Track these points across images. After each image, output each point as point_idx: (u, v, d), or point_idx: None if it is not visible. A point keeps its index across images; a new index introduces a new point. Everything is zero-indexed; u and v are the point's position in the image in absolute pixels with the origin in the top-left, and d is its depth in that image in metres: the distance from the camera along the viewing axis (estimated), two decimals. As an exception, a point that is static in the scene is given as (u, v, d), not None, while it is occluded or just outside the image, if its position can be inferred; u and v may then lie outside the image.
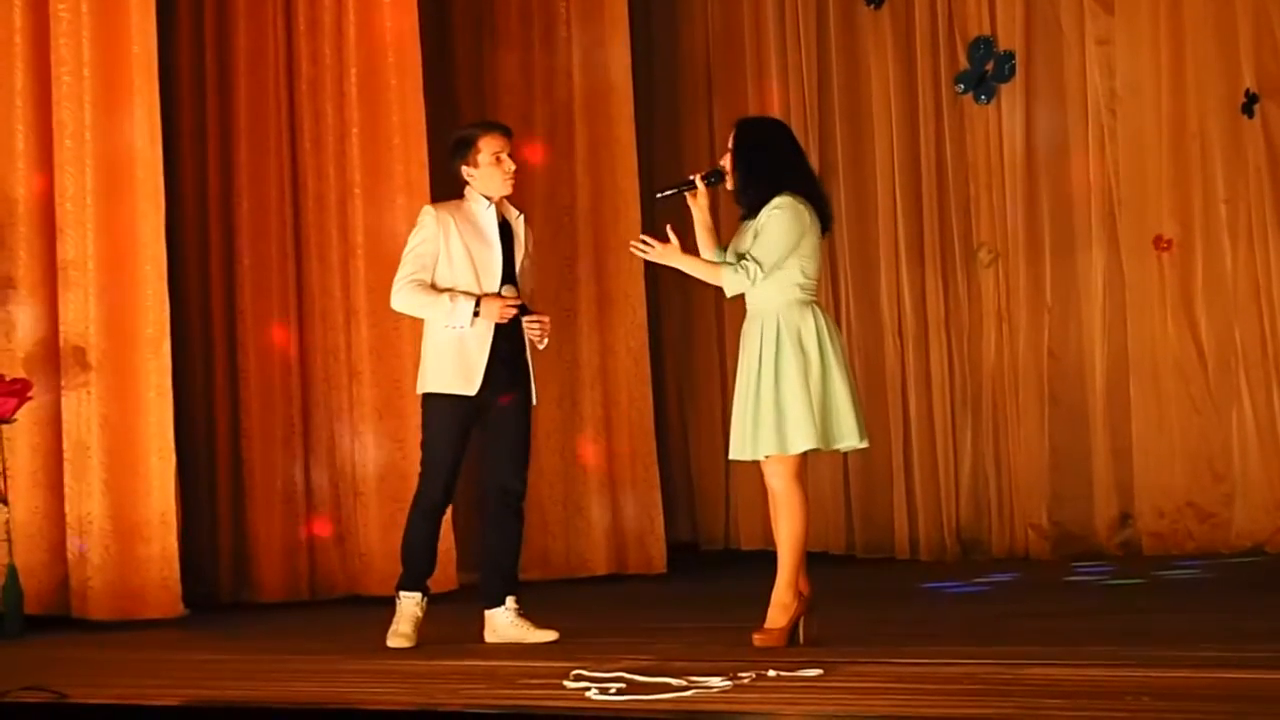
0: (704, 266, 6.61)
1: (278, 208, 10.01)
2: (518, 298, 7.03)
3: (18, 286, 8.93)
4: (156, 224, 9.02)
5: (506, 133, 7.18)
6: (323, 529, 9.92)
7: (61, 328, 8.92)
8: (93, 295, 8.90)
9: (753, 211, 6.56)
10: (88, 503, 8.82)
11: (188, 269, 9.87)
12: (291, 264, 10.01)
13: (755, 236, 6.49)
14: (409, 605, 7.02)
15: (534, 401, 7.19)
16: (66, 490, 8.86)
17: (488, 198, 7.08)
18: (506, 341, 7.02)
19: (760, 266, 6.42)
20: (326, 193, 10.01)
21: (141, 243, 9.00)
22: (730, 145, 6.66)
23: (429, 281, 7.01)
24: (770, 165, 6.56)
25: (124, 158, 8.99)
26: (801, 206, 6.49)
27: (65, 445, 8.88)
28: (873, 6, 11.27)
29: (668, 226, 6.69)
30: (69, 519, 8.82)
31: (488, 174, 7.07)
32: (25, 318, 8.93)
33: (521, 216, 7.23)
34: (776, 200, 6.47)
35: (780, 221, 6.45)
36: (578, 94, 10.93)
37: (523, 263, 7.15)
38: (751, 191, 6.56)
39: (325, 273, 9.95)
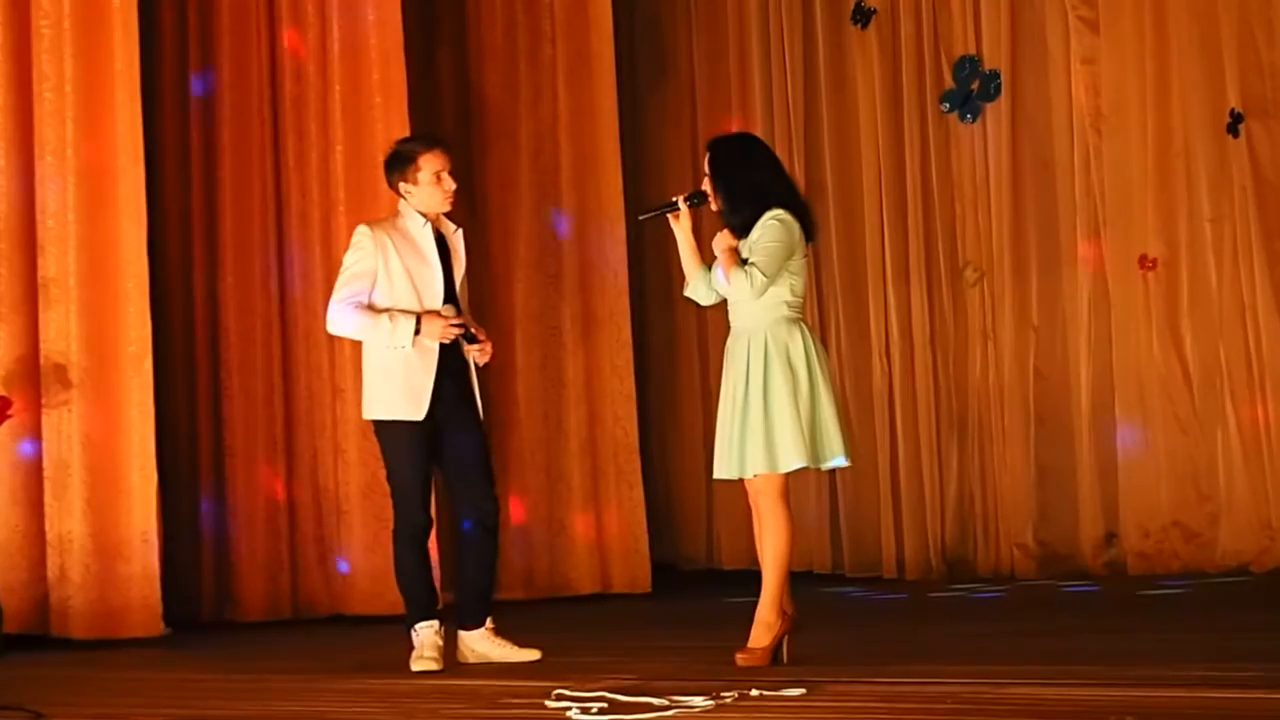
0: (728, 257, 6.51)
1: (261, 225, 10.00)
2: (458, 316, 6.93)
3: (-2, 303, 8.91)
4: (139, 241, 9.00)
5: (448, 150, 7.06)
6: (305, 548, 9.88)
7: (42, 345, 8.89)
8: (74, 312, 8.87)
9: (745, 231, 6.52)
10: (68, 521, 8.78)
11: (170, 286, 9.85)
12: (274, 282, 9.99)
13: (751, 249, 6.45)
14: (427, 635, 6.85)
15: (482, 414, 7.07)
16: (47, 509, 8.82)
17: (424, 215, 7.00)
18: (452, 357, 6.91)
19: (764, 274, 6.38)
20: (310, 210, 10.00)
21: (123, 260, 8.97)
22: (706, 169, 6.62)
23: (365, 303, 6.87)
24: (753, 183, 6.54)
25: (106, 174, 8.97)
26: (793, 221, 6.47)
27: (46, 463, 8.85)
28: (859, 25, 11.27)
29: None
30: (49, 537, 8.79)
31: (427, 192, 6.93)
32: (5, 335, 8.89)
33: (459, 231, 7.10)
34: (769, 214, 6.45)
35: (776, 231, 6.42)
36: (562, 112, 10.92)
37: (461, 278, 7.04)
38: (740, 213, 6.53)
39: (309, 290, 9.93)
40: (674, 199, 6.70)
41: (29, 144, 8.96)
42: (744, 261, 6.44)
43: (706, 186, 6.61)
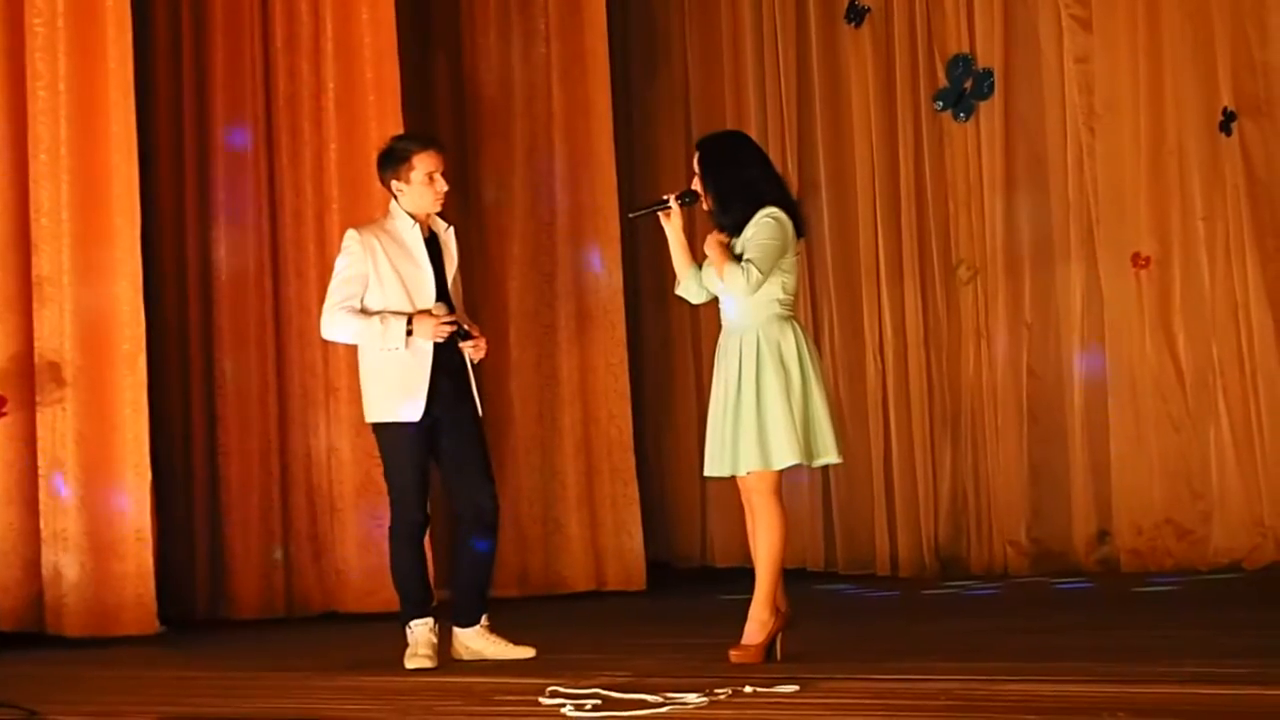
0: (720, 254, 6.50)
1: (255, 223, 9.99)
2: (450, 314, 6.94)
3: (-8, 301, 8.91)
4: (132, 239, 9.00)
5: (443, 150, 7.06)
6: (299, 546, 9.88)
7: (37, 343, 8.89)
8: (68, 311, 8.88)
9: (737, 230, 6.53)
10: (63, 519, 8.78)
11: (164, 285, 9.85)
12: (269, 280, 9.99)
13: (745, 247, 6.45)
14: (421, 632, 6.86)
15: (480, 413, 7.08)
16: (41, 507, 8.82)
17: (413, 215, 7.00)
18: (448, 356, 6.91)
19: (760, 271, 6.39)
20: (304, 208, 9.99)
21: (117, 258, 8.97)
22: (696, 168, 6.63)
23: (359, 308, 6.89)
24: (743, 182, 6.55)
25: (100, 173, 8.97)
26: (786, 219, 6.49)
27: (40, 461, 8.84)
28: (853, 24, 11.28)
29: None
30: (44, 535, 8.79)
31: (419, 192, 6.92)
32: (0, 333, 8.89)
33: (451, 229, 7.10)
34: (762, 212, 6.46)
35: (770, 229, 6.44)
36: (557, 111, 10.91)
37: (454, 276, 7.04)
38: (731, 213, 6.54)
39: (302, 288, 9.93)
40: (665, 197, 6.70)
41: (23, 142, 8.96)
42: (738, 259, 6.45)
43: (697, 185, 6.63)
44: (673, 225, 6.68)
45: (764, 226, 6.45)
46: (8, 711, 5.69)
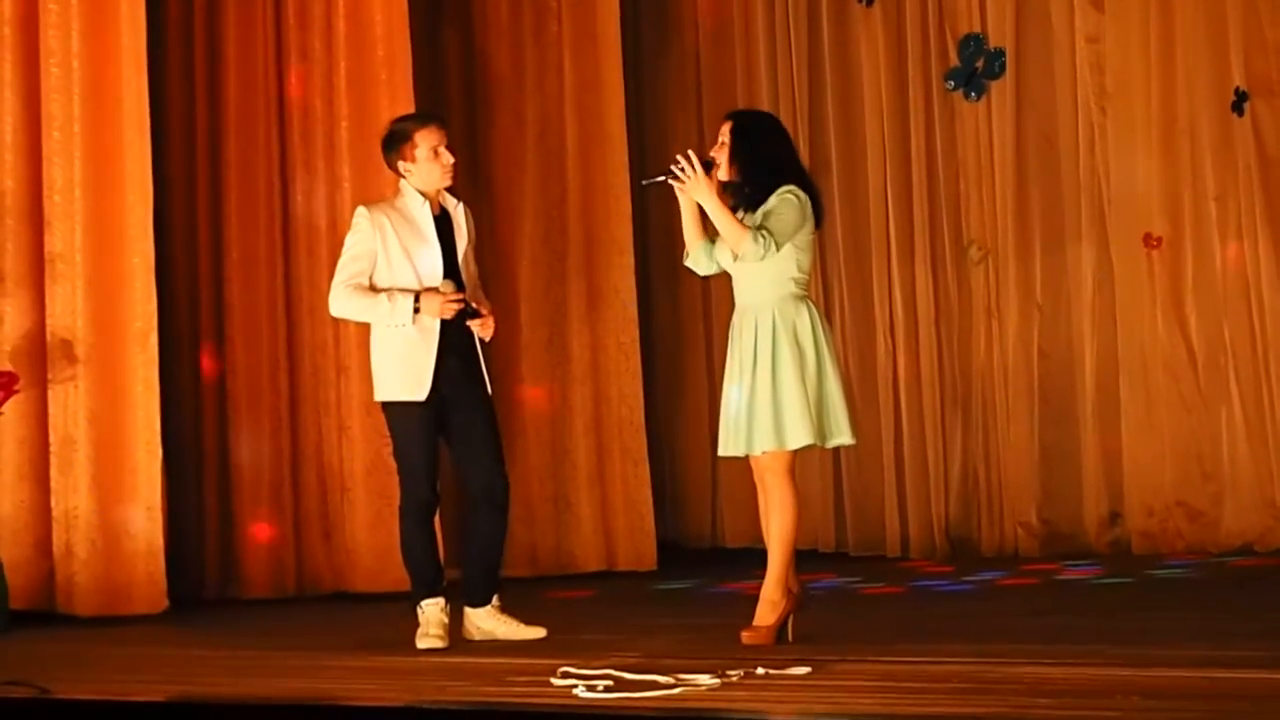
0: (729, 219, 6.48)
1: (266, 201, 10.00)
2: (458, 291, 6.93)
3: (5, 279, 8.91)
4: (145, 217, 9.01)
5: (443, 124, 7.08)
6: (309, 525, 9.89)
7: (49, 320, 8.90)
8: (80, 288, 8.89)
9: (752, 205, 6.53)
10: (74, 497, 8.79)
11: (176, 263, 9.85)
12: (280, 258, 10.00)
13: (765, 218, 6.45)
14: (432, 612, 6.88)
15: (489, 391, 7.07)
16: (52, 484, 8.83)
17: (423, 193, 7.00)
18: (456, 334, 6.92)
19: (775, 241, 6.39)
20: (315, 186, 9.99)
21: (130, 236, 8.98)
22: (727, 139, 6.61)
23: (367, 285, 6.92)
24: (772, 159, 6.56)
25: (112, 150, 8.98)
26: (806, 198, 6.51)
27: (52, 439, 8.86)
28: (864, 3, 11.24)
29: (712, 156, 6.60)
30: (55, 513, 8.80)
31: (426, 168, 6.95)
32: (12, 310, 8.91)
33: (461, 205, 7.11)
34: (783, 189, 6.47)
35: (790, 205, 6.46)
36: (568, 88, 10.90)
37: (465, 252, 7.05)
38: (753, 185, 6.55)
39: (314, 267, 9.92)
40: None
41: (36, 119, 8.96)
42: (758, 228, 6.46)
43: (719, 155, 6.60)
44: (686, 194, 6.66)
45: (784, 202, 6.46)
46: (19, 689, 5.70)
